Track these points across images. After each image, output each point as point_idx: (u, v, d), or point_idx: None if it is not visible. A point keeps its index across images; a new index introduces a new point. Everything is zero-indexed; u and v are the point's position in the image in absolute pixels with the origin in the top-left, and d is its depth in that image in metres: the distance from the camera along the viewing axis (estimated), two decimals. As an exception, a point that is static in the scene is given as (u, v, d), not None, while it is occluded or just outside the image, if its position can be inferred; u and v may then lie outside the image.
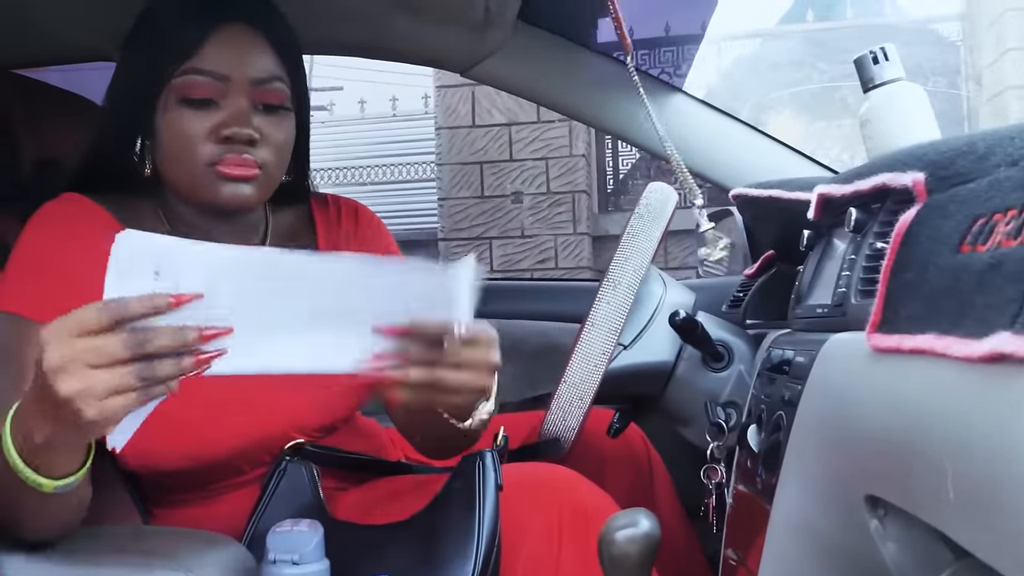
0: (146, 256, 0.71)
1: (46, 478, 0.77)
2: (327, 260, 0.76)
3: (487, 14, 1.45)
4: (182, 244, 0.72)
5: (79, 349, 0.70)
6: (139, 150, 1.06)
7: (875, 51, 0.90)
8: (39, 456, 0.76)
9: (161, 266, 0.71)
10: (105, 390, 0.70)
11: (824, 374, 0.77)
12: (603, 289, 1.12)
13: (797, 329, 1.00)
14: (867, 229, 0.80)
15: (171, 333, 0.71)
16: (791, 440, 0.80)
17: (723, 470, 1.12)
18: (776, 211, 1.20)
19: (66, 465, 0.78)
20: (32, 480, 0.76)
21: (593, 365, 1.10)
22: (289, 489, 1.06)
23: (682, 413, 1.22)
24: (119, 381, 0.70)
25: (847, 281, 0.81)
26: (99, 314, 0.70)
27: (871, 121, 0.90)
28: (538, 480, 1.03)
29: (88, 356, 0.70)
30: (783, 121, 5.64)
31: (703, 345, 1.17)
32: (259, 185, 1.02)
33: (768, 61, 6.02)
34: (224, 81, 0.99)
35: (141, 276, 0.70)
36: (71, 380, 0.70)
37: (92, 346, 0.70)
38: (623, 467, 1.36)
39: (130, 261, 0.70)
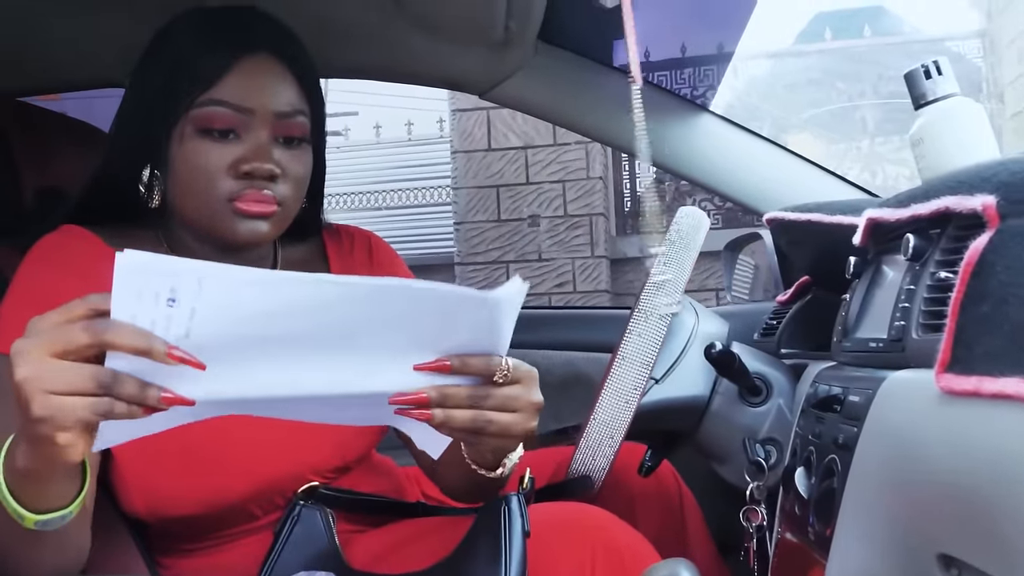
0: (156, 278, 0.64)
1: (29, 511, 0.73)
2: (362, 284, 0.69)
3: (507, 33, 1.40)
4: (198, 265, 0.65)
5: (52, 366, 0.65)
6: (146, 179, 1.00)
7: (927, 65, 0.84)
8: (23, 484, 0.72)
9: (176, 290, 0.64)
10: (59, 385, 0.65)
11: (885, 416, 0.71)
12: (634, 320, 1.06)
13: (844, 363, 0.94)
14: (927, 257, 0.74)
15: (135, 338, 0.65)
16: (848, 488, 0.74)
17: (764, 512, 1.06)
18: (814, 235, 1.14)
19: (50, 497, 0.73)
20: (13, 510, 0.73)
21: (624, 401, 1.04)
22: (303, 535, 1.01)
23: (718, 450, 1.16)
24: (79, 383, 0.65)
25: (905, 313, 0.74)
26: (82, 332, 0.65)
27: (924, 140, 0.84)
28: (568, 520, 0.98)
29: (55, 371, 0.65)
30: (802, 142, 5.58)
31: (740, 378, 1.11)
32: (276, 221, 0.98)
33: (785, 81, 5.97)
34: (247, 114, 0.95)
35: (153, 303, 0.64)
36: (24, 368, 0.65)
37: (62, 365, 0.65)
38: (654, 505, 1.30)
39: (137, 285, 0.64)
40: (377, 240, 1.16)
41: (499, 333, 0.75)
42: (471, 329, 0.74)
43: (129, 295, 0.64)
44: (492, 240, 4.87)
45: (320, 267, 1.12)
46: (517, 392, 0.79)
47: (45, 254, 0.97)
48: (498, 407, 0.78)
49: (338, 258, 1.13)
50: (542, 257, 4.82)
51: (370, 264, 1.13)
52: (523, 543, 0.92)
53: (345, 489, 1.07)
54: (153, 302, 0.64)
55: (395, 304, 0.70)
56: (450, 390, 0.75)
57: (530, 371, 0.80)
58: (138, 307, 0.64)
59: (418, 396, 0.74)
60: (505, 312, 0.74)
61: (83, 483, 0.76)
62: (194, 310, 0.65)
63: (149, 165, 0.99)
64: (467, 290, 0.71)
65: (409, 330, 0.72)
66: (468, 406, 0.76)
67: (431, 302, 0.71)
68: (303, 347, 0.69)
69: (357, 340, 0.70)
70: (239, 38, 0.97)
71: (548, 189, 4.83)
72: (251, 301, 0.66)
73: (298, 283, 0.68)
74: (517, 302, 0.74)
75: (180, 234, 1.02)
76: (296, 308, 0.67)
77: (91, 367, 0.65)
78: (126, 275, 0.63)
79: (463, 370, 0.75)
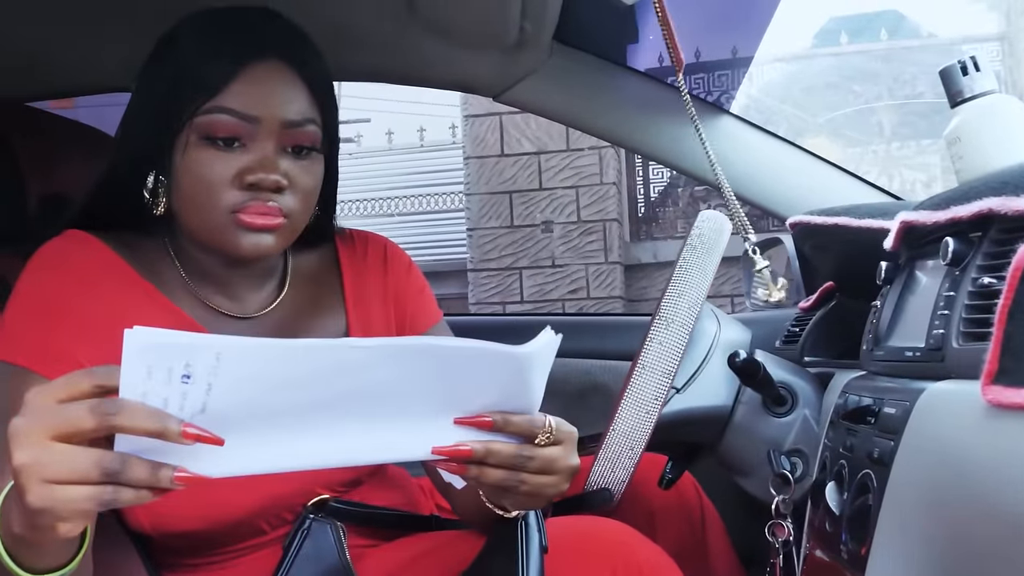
0: (169, 354, 0.60)
1: (24, 570, 0.68)
2: (385, 346, 0.67)
3: (522, 35, 1.37)
4: (215, 340, 0.61)
5: (53, 451, 0.60)
6: (151, 186, 0.97)
7: (964, 61, 0.81)
8: (18, 546, 0.68)
9: (191, 365, 0.60)
10: (61, 474, 0.60)
11: (924, 430, 0.67)
12: (655, 328, 1.02)
13: (875, 372, 0.90)
14: (968, 262, 0.70)
15: (147, 420, 0.60)
16: (885, 505, 0.70)
17: (790, 527, 1.02)
18: (841, 240, 1.11)
19: (46, 559, 0.69)
20: (8, 567, 0.68)
21: (645, 412, 1.00)
22: (313, 550, 0.98)
23: (741, 462, 1.12)
24: (82, 471, 0.60)
25: (945, 321, 0.71)
26: (89, 415, 0.60)
27: (961, 139, 0.80)
28: (587, 535, 0.95)
29: (56, 457, 0.60)
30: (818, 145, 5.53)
31: (765, 388, 1.07)
32: (282, 234, 0.94)
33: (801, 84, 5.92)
34: (253, 122, 0.91)
35: (166, 379, 0.60)
36: (21, 452, 0.60)
37: (64, 449, 0.60)
38: (674, 518, 1.27)
39: (148, 362, 0.60)
40: (392, 247, 1.13)
41: (531, 390, 0.72)
42: (502, 386, 0.71)
43: (140, 373, 0.60)
44: (505, 246, 4.85)
45: (332, 275, 1.09)
46: (558, 454, 0.76)
47: (48, 260, 0.94)
48: (538, 469, 0.75)
49: (351, 265, 1.09)
50: (555, 263, 4.80)
51: (384, 271, 1.10)
52: (540, 559, 0.89)
53: (356, 502, 1.04)
54: (166, 379, 0.60)
55: (420, 364, 0.68)
56: (496, 447, 0.73)
57: (571, 432, 0.78)
58: (149, 384, 0.60)
59: (461, 450, 0.72)
60: (537, 367, 0.71)
61: (83, 540, 0.71)
62: (211, 385, 0.61)
63: (154, 172, 0.96)
64: (496, 346, 0.68)
65: (437, 390, 0.69)
66: (508, 466, 0.74)
67: (458, 360, 0.69)
68: (327, 415, 0.67)
69: (383, 405, 0.68)
70: (246, 42, 0.93)
71: (561, 195, 4.81)
72: (272, 372, 0.63)
73: (320, 350, 0.65)
74: (549, 356, 0.71)
75: (186, 245, 0.99)
76: (319, 376, 0.65)
77: (96, 453, 0.61)
78: (136, 353, 0.59)
79: (505, 428, 0.73)
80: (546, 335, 0.70)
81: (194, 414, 0.62)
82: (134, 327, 0.59)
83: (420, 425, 0.70)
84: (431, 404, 0.70)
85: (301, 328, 1.03)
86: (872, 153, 5.88)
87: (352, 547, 0.99)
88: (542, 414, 0.75)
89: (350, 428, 0.68)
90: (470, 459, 0.72)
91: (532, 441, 0.75)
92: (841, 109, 5.82)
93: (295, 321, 1.03)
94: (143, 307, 0.95)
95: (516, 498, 0.79)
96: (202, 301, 0.99)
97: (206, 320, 0.98)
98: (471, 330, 1.23)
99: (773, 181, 1.48)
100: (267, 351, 0.63)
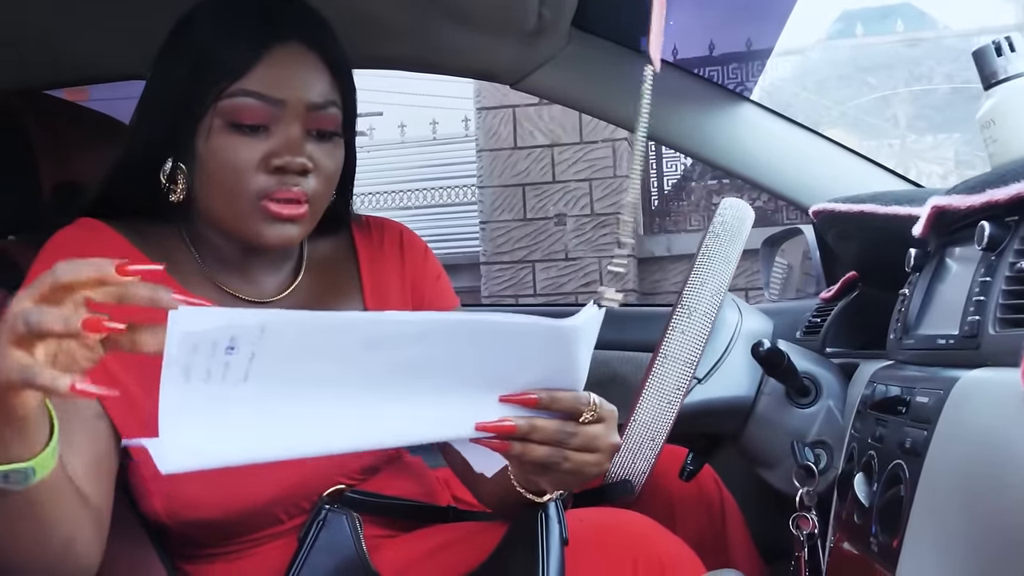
0: (216, 332, 0.60)
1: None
2: (432, 320, 0.67)
3: (540, 21, 1.35)
4: (261, 315, 0.61)
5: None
6: (169, 172, 0.95)
7: (998, 41, 0.78)
8: None
9: (236, 338, 0.61)
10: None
11: (960, 419, 0.65)
12: (677, 317, 1.01)
13: (904, 361, 0.88)
14: (1005, 246, 0.68)
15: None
16: (919, 496, 0.68)
17: (815, 520, 1.00)
18: (866, 228, 1.09)
19: (3, 446, 0.67)
20: None
21: (666, 402, 0.99)
22: (329, 541, 0.97)
23: (764, 454, 1.11)
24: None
25: (980, 307, 0.69)
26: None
27: (996, 122, 0.78)
28: (607, 528, 0.94)
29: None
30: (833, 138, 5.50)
31: (789, 378, 1.06)
32: (305, 222, 0.94)
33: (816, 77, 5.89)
34: (278, 105, 0.90)
35: (210, 353, 0.61)
36: None
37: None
38: (694, 510, 1.26)
39: (194, 341, 0.60)
40: (409, 233, 1.12)
41: (576, 365, 0.72)
42: (548, 362, 0.71)
43: (185, 349, 0.60)
44: (518, 239, 4.83)
45: (349, 261, 1.07)
46: (600, 431, 0.77)
47: (60, 249, 0.93)
48: (581, 447, 0.76)
49: (367, 251, 1.08)
50: (568, 256, 4.78)
51: (401, 258, 1.09)
52: (561, 552, 0.88)
53: (372, 492, 1.03)
54: (210, 352, 0.61)
55: (465, 339, 0.68)
56: (540, 423, 0.73)
57: (612, 411, 0.78)
58: (193, 359, 0.60)
59: (505, 425, 0.72)
60: (582, 341, 0.71)
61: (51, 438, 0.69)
62: (254, 354, 0.61)
63: (172, 158, 0.94)
64: (542, 320, 0.68)
65: (482, 366, 0.69)
66: (552, 442, 0.74)
67: (504, 335, 0.69)
68: (369, 391, 0.67)
69: (426, 381, 0.68)
70: (267, 25, 0.92)
71: (575, 187, 4.79)
72: (315, 343, 0.63)
73: (364, 323, 0.66)
74: (594, 330, 0.71)
75: (203, 231, 0.98)
76: (361, 349, 0.65)
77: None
78: (182, 332, 0.59)
79: (551, 406, 0.73)
80: (590, 309, 0.70)
81: (237, 382, 0.62)
82: (179, 307, 0.59)
83: (464, 402, 0.69)
84: (476, 380, 0.69)
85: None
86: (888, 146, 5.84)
87: (368, 538, 0.98)
88: (586, 392, 0.75)
89: (393, 405, 0.67)
90: (514, 435, 0.72)
91: (576, 418, 0.75)
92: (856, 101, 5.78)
93: (311, 305, 1.02)
94: None
95: (558, 476, 0.78)
96: (218, 286, 0.98)
97: (222, 304, 0.97)
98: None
99: (794, 170, 1.46)
100: (311, 322, 0.63)
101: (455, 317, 0.67)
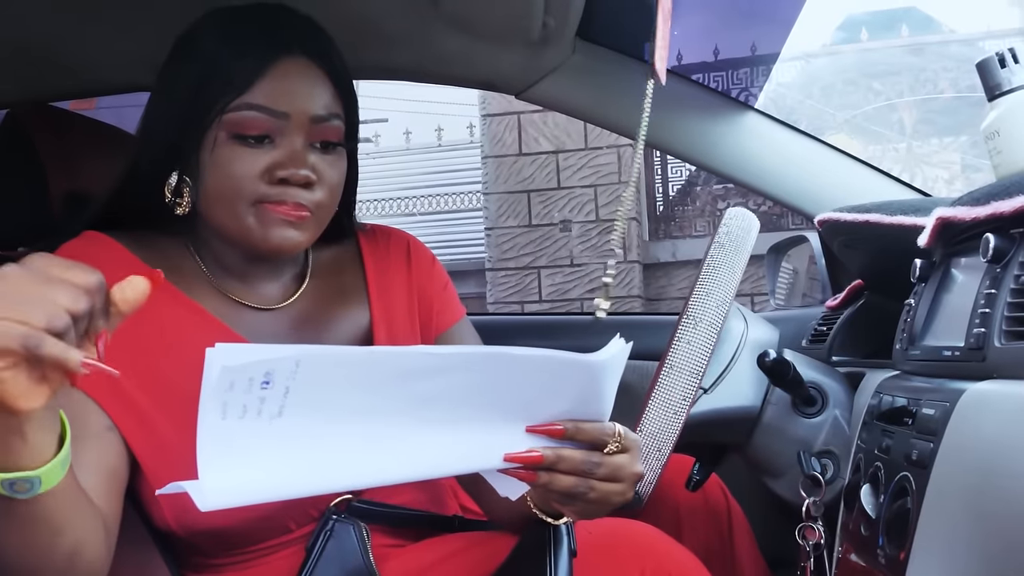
0: (252, 368, 0.61)
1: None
2: (465, 354, 0.69)
3: (545, 31, 1.35)
4: (296, 350, 0.62)
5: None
6: (174, 185, 0.96)
7: (1002, 53, 0.79)
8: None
9: (271, 373, 0.62)
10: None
11: (966, 431, 0.65)
12: (682, 327, 1.01)
13: (910, 372, 0.88)
14: (1010, 258, 0.68)
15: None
16: (925, 509, 0.68)
17: (821, 530, 1.00)
18: (871, 237, 1.09)
19: (10, 454, 0.65)
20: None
21: (673, 412, 0.99)
22: (337, 551, 0.97)
23: (770, 464, 1.10)
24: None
25: (986, 319, 0.69)
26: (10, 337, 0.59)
27: (1000, 133, 0.78)
28: (615, 537, 0.94)
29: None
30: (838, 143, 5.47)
31: (795, 388, 1.06)
32: (309, 228, 0.94)
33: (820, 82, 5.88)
34: (282, 118, 0.91)
35: (246, 388, 0.61)
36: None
37: None
38: (700, 519, 1.26)
39: (231, 378, 0.61)
40: (415, 242, 1.12)
41: (603, 398, 0.74)
42: (574, 394, 0.72)
43: (223, 387, 0.61)
44: (523, 245, 4.83)
45: (355, 270, 1.08)
46: (625, 461, 0.78)
47: None
48: (606, 476, 0.77)
49: (374, 259, 1.09)
50: (574, 262, 4.78)
51: (408, 267, 1.10)
52: (570, 563, 0.89)
53: (380, 502, 1.03)
54: (247, 387, 0.61)
55: (495, 373, 0.69)
56: (566, 453, 0.75)
57: (636, 440, 0.80)
58: (230, 395, 0.61)
59: (533, 456, 0.73)
60: (609, 375, 0.72)
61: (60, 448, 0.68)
62: (288, 389, 0.62)
63: (177, 171, 0.95)
64: (570, 355, 0.69)
65: (510, 398, 0.70)
66: (579, 472, 0.75)
67: (534, 368, 0.70)
68: (398, 424, 0.68)
69: (455, 413, 0.69)
70: (272, 39, 0.93)
71: (580, 193, 4.79)
72: (346, 377, 0.64)
73: (394, 357, 0.66)
74: (620, 364, 0.72)
75: (209, 240, 0.98)
76: (391, 381, 0.66)
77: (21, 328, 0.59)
78: (220, 370, 0.60)
79: (576, 436, 0.74)
80: (617, 343, 0.71)
81: (272, 417, 0.62)
82: (216, 345, 0.60)
83: (492, 432, 0.71)
84: (503, 412, 0.70)
85: (324, 319, 1.03)
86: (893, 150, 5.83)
87: (376, 547, 0.98)
88: (611, 422, 0.76)
89: (423, 438, 0.68)
90: (541, 465, 0.73)
91: (601, 449, 0.76)
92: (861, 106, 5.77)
93: (318, 312, 1.03)
94: (161, 304, 0.94)
95: (583, 505, 0.79)
96: (223, 294, 0.99)
97: (227, 313, 0.98)
98: (490, 331, 1.22)
99: (799, 178, 1.46)
100: (344, 356, 0.65)
101: (486, 351, 0.68)
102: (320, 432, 0.64)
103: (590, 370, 0.70)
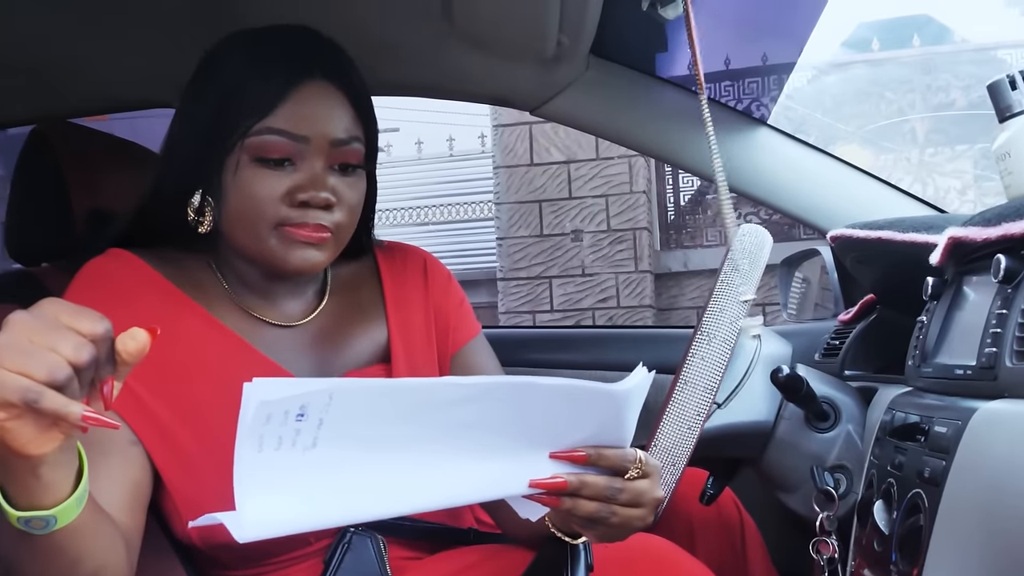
0: (288, 402, 0.63)
1: (11, 507, 0.67)
2: (491, 384, 0.70)
3: (559, 49, 1.37)
4: (330, 383, 0.64)
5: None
6: (197, 205, 0.97)
7: (1012, 75, 0.80)
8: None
9: (306, 406, 0.63)
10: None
11: (978, 450, 0.66)
12: (697, 343, 1.02)
13: (922, 389, 0.89)
14: (1021, 279, 0.69)
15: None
16: (938, 526, 0.69)
17: (835, 544, 1.01)
18: (884, 254, 1.10)
19: (25, 493, 0.66)
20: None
21: (687, 427, 1.00)
22: (354, 564, 0.98)
23: (783, 478, 1.11)
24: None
25: (997, 339, 0.70)
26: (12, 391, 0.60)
27: (1011, 155, 0.79)
28: (631, 551, 0.94)
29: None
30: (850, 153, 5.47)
31: (808, 403, 1.06)
32: (329, 248, 0.96)
33: (832, 92, 5.87)
34: (303, 142, 0.93)
35: (281, 421, 0.63)
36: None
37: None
38: (714, 532, 1.26)
39: (268, 411, 0.62)
40: (432, 260, 1.14)
41: (624, 425, 0.75)
42: (597, 422, 0.74)
43: (260, 420, 0.62)
44: (535, 255, 4.84)
45: (373, 286, 1.09)
46: (646, 487, 0.79)
47: (90, 280, 0.95)
48: (628, 502, 0.78)
49: (391, 275, 1.10)
50: (585, 272, 4.79)
51: (425, 284, 1.11)
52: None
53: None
54: (282, 420, 0.63)
55: (523, 401, 0.70)
56: (589, 479, 0.76)
57: (656, 466, 0.81)
58: (266, 428, 0.63)
59: (557, 482, 0.75)
60: (631, 404, 0.74)
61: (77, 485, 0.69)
62: (322, 421, 0.64)
63: (200, 191, 0.97)
64: (594, 385, 0.71)
65: (536, 425, 0.72)
66: (601, 498, 0.77)
67: (560, 397, 0.72)
68: (427, 452, 0.69)
69: (484, 439, 0.71)
70: (294, 63, 0.94)
71: (591, 203, 4.80)
72: (377, 408, 0.66)
73: (422, 389, 0.68)
74: (643, 392, 0.75)
75: (231, 259, 1.00)
76: (421, 411, 0.68)
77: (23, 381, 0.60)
78: (257, 404, 0.61)
79: (598, 462, 0.76)
80: (640, 372, 0.74)
81: (306, 449, 0.64)
82: (253, 380, 0.61)
83: (516, 459, 0.72)
84: (529, 439, 0.72)
85: (343, 335, 1.04)
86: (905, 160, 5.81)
87: (393, 560, 0.99)
88: (632, 448, 0.77)
89: (451, 466, 0.70)
90: (564, 491, 0.75)
91: (623, 475, 0.77)
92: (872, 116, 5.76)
93: (336, 329, 1.04)
94: (183, 320, 0.96)
95: (604, 530, 0.80)
96: (245, 311, 1.00)
97: (249, 330, 0.99)
98: (502, 343, 1.23)
99: (812, 194, 1.47)
100: (375, 388, 0.67)
101: (512, 381, 0.70)
102: (353, 462, 0.66)
103: (613, 399, 0.72)
